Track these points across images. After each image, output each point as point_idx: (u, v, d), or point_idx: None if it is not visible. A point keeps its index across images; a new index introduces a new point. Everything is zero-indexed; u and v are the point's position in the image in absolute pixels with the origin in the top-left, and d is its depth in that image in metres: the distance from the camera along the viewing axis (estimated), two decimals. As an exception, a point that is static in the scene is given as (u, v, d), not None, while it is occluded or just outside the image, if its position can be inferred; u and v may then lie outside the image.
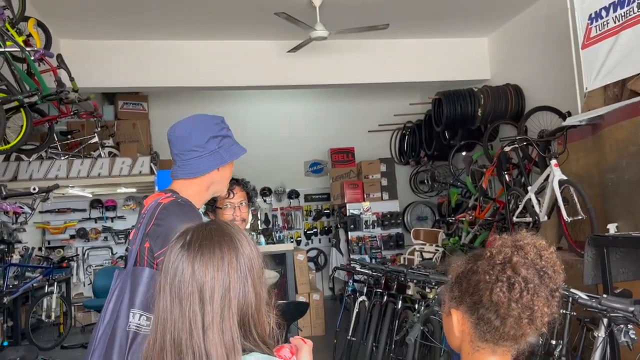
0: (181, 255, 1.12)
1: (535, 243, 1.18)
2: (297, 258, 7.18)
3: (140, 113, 9.45)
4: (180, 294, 1.09)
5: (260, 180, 10.09)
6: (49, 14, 6.16)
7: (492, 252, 1.18)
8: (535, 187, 4.94)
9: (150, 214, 1.72)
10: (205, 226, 1.17)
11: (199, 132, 1.85)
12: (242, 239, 1.17)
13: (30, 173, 7.18)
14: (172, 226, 1.63)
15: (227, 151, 1.89)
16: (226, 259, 1.11)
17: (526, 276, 1.13)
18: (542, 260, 1.15)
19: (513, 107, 7.18)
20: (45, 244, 9.47)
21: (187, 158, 1.84)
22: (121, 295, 1.59)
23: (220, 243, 1.13)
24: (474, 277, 1.18)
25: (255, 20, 6.74)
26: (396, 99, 9.91)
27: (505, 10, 7.10)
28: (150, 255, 1.66)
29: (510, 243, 1.18)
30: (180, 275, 1.10)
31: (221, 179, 1.94)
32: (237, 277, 1.11)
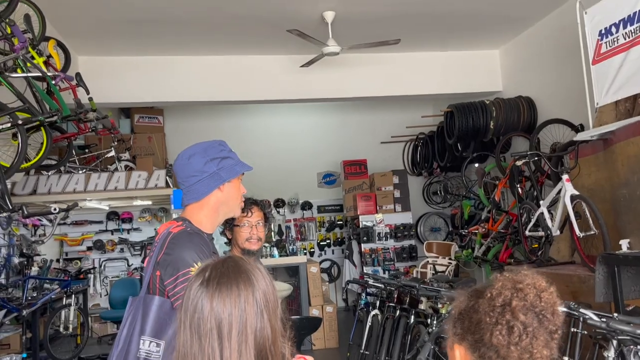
0: (200, 293, 1.18)
1: (535, 284, 1.22)
2: (311, 270, 7.22)
3: (156, 126, 9.61)
4: (199, 330, 1.15)
5: (274, 192, 10.18)
6: (68, 33, 6.33)
7: (493, 294, 1.21)
8: (547, 201, 4.94)
9: (161, 243, 1.80)
10: (223, 263, 1.23)
11: (197, 158, 1.94)
12: (257, 274, 1.22)
13: (49, 187, 7.32)
14: (180, 256, 1.71)
15: (226, 171, 1.96)
16: (242, 295, 1.17)
17: (525, 321, 1.17)
18: (542, 302, 1.19)
19: (525, 120, 7.19)
20: (63, 256, 9.63)
21: (189, 184, 1.93)
22: (133, 322, 1.66)
23: (237, 280, 1.18)
24: (475, 315, 1.22)
25: (268, 36, 6.84)
26: (408, 110, 9.96)
27: (517, 23, 7.13)
28: (161, 283, 1.73)
29: (510, 285, 1.21)
30: (199, 312, 1.16)
31: (227, 199, 1.99)
32: (254, 313, 1.17)
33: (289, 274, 7.78)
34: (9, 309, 5.92)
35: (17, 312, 6.08)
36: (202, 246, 1.79)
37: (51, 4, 5.46)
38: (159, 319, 1.63)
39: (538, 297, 1.19)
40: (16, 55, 3.19)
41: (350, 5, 6.15)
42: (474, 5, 6.39)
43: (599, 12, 4.29)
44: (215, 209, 1.97)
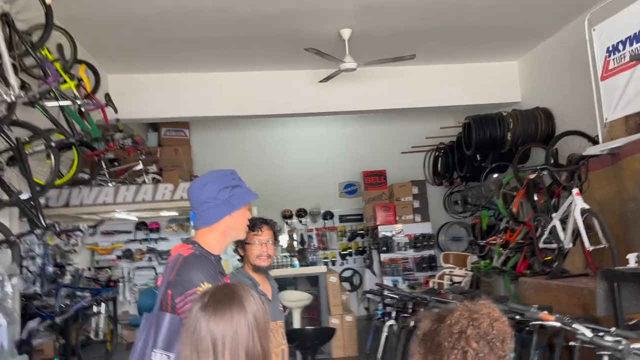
0: (199, 315, 1.39)
1: (489, 314, 1.38)
2: (330, 280, 7.39)
3: (182, 139, 9.93)
4: (198, 347, 1.36)
5: (296, 202, 10.40)
6: (98, 54, 6.67)
7: (452, 321, 1.38)
8: (559, 213, 5.01)
9: (173, 265, 2.01)
10: (220, 290, 1.45)
11: (211, 186, 2.14)
12: (250, 300, 1.43)
13: (80, 199, 7.65)
14: (189, 277, 1.92)
15: (237, 198, 2.16)
16: (235, 318, 1.38)
17: (477, 347, 1.33)
18: (494, 330, 1.35)
19: (543, 131, 7.23)
20: (95, 264, 10.01)
21: (202, 209, 2.12)
22: (148, 337, 1.87)
23: (231, 305, 1.39)
24: (436, 338, 1.39)
25: (288, 53, 7.07)
26: (429, 121, 10.05)
27: (534, 35, 7.20)
28: (172, 301, 1.94)
29: (467, 314, 1.38)
30: (198, 332, 1.37)
31: (235, 224, 2.19)
32: (245, 333, 1.38)
33: (309, 284, 7.96)
34: (43, 317, 6.24)
35: (51, 319, 6.40)
36: (209, 268, 1.99)
37: (82, 27, 5.79)
38: (170, 334, 1.83)
39: (491, 326, 1.35)
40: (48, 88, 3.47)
41: (366, 23, 6.33)
42: (490, 19, 6.50)
43: (607, 30, 4.38)
44: (224, 233, 2.16)
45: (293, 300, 6.96)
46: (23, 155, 3.61)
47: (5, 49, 3.13)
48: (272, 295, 2.93)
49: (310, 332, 4.46)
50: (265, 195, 9.54)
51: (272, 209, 9.99)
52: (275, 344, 2.79)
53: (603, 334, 2.69)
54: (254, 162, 10.29)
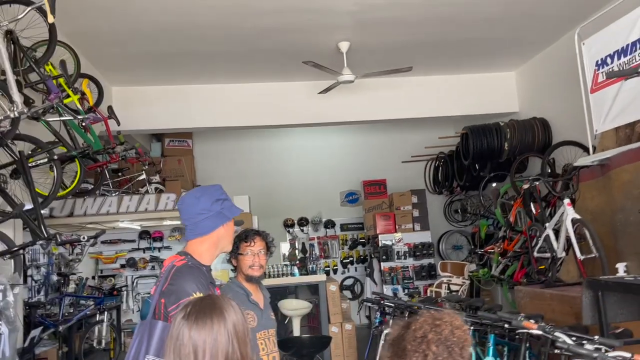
0: (182, 324, 1.51)
1: (451, 322, 1.48)
2: (330, 289, 7.45)
3: (185, 149, 10.07)
4: (180, 353, 1.48)
5: (298, 211, 10.50)
6: (103, 67, 6.83)
7: (416, 326, 1.49)
8: (552, 223, 5.09)
9: (166, 275, 2.11)
10: (202, 301, 1.56)
11: (205, 198, 2.26)
12: (229, 310, 1.54)
13: (84, 209, 7.79)
14: (181, 286, 2.03)
15: (228, 210, 2.29)
16: (215, 327, 1.49)
17: (436, 351, 1.43)
18: (454, 337, 1.45)
19: (540, 140, 7.32)
20: (99, 273, 10.12)
21: (196, 220, 2.24)
22: (141, 343, 1.97)
23: (212, 315, 1.51)
24: (402, 343, 1.49)
25: (288, 65, 7.20)
26: (429, 130, 10.15)
27: (531, 46, 7.30)
28: (165, 309, 2.03)
29: (430, 321, 1.49)
30: (180, 339, 1.49)
31: (226, 235, 2.31)
32: (225, 341, 1.49)
33: (310, 292, 8.02)
34: (46, 325, 6.35)
35: (54, 327, 6.51)
36: (201, 278, 2.10)
37: (87, 41, 5.96)
38: (162, 341, 1.94)
39: (452, 333, 1.46)
40: (50, 104, 3.60)
41: (363, 36, 6.46)
42: (487, 31, 6.61)
43: (596, 44, 4.47)
44: (216, 244, 2.28)
45: (292, 309, 7.03)
46: (26, 168, 3.73)
47: (9, 66, 3.26)
48: (264, 305, 3.02)
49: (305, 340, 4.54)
50: (267, 204, 9.79)
51: (274, 217, 10.11)
52: (267, 351, 2.88)
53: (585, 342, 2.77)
54: (256, 172, 10.42)
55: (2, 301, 3.06)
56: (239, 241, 3.02)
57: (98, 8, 5.25)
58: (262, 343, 2.86)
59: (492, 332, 3.85)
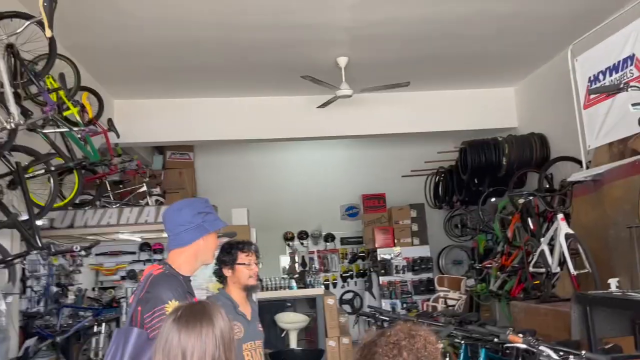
0: (172, 327, 1.56)
1: (426, 337, 1.51)
2: (327, 302, 7.44)
3: (187, 162, 10.14)
4: (169, 356, 1.53)
5: (298, 224, 10.53)
6: (104, 80, 6.93)
7: (391, 333, 1.51)
8: (547, 238, 5.10)
9: (144, 283, 2.15)
10: (192, 306, 1.63)
11: (186, 210, 2.30)
12: (218, 316, 1.60)
13: (85, 220, 7.81)
14: (158, 294, 2.06)
15: (209, 224, 2.31)
16: (204, 332, 1.55)
17: (406, 358, 1.45)
18: (426, 351, 1.47)
19: (538, 156, 7.34)
20: (99, 285, 10.14)
21: (177, 232, 2.27)
22: (117, 350, 2.00)
23: (201, 320, 1.57)
24: (373, 348, 1.51)
25: (287, 79, 7.28)
26: (429, 144, 10.19)
27: (529, 62, 7.36)
28: (142, 317, 2.06)
29: (406, 330, 1.51)
30: (169, 342, 1.54)
31: (206, 248, 2.33)
32: (212, 345, 1.55)
33: (308, 306, 8.01)
34: (43, 336, 6.37)
35: (52, 338, 6.53)
36: (177, 286, 2.13)
37: (89, 54, 6.07)
38: (137, 347, 1.97)
39: (424, 347, 1.48)
40: (45, 116, 3.67)
41: (361, 51, 6.53)
42: (485, 47, 6.68)
43: (588, 60, 4.52)
44: (195, 256, 2.30)
45: (290, 322, 7.04)
46: (22, 178, 3.79)
47: (7, 79, 3.33)
48: (251, 316, 3.04)
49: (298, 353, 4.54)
50: (267, 217, 9.82)
51: (274, 230, 10.13)
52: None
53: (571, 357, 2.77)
54: (256, 185, 10.47)
55: (-6, 310, 3.09)
56: (236, 252, 3.05)
57: (99, 22, 5.36)
58: (248, 354, 2.88)
59: (483, 347, 3.84)
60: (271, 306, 7.36)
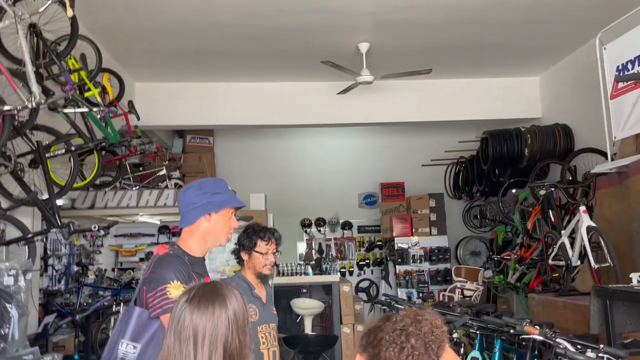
0: (184, 307, 1.54)
1: (432, 321, 1.46)
2: (343, 289, 7.44)
3: (206, 146, 10.19)
4: (180, 336, 1.51)
5: (315, 211, 10.51)
6: (126, 63, 6.96)
7: (397, 319, 1.47)
8: (568, 231, 5.00)
9: (150, 263, 2.16)
10: (205, 286, 1.60)
11: (191, 191, 2.29)
12: (232, 298, 1.57)
13: (105, 202, 7.93)
14: (160, 274, 2.05)
15: (213, 204, 2.27)
16: (217, 313, 1.52)
17: (414, 345, 1.41)
18: (433, 335, 1.43)
19: (562, 147, 7.19)
20: (118, 266, 10.30)
21: (184, 212, 2.27)
22: (120, 328, 2.01)
23: (214, 301, 1.54)
24: (379, 333, 1.48)
25: (308, 65, 7.23)
26: (450, 134, 10.07)
27: (555, 51, 7.19)
28: (145, 297, 2.06)
29: (412, 315, 1.47)
30: (181, 322, 1.52)
31: (214, 229, 2.29)
32: (225, 327, 1.51)
33: (324, 292, 8.03)
34: (63, 314, 6.50)
35: (71, 316, 6.65)
36: (181, 267, 2.11)
37: (112, 37, 6.09)
38: (137, 326, 1.98)
39: (431, 331, 1.44)
40: (65, 95, 3.70)
41: (384, 37, 6.45)
42: (511, 36, 6.53)
43: (616, 49, 4.38)
44: (203, 236, 2.28)
45: (304, 308, 7.05)
46: (43, 157, 3.83)
47: (29, 58, 3.36)
48: (266, 300, 3.04)
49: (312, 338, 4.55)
50: (285, 203, 9.84)
51: (291, 217, 10.15)
52: (267, 345, 2.90)
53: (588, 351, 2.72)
54: (274, 171, 10.48)
55: (14, 285, 3.14)
56: (257, 238, 3.04)
57: (122, 4, 5.37)
58: (262, 337, 2.88)
59: (498, 338, 3.80)
60: (287, 291, 7.39)
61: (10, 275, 3.15)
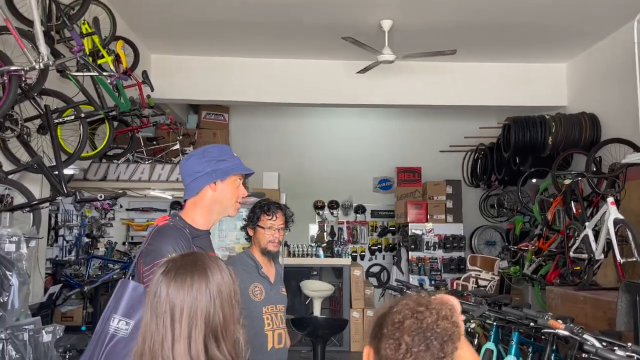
0: (160, 280, 1.38)
1: (439, 310, 1.26)
2: (354, 273, 7.33)
3: (221, 123, 10.06)
4: (156, 311, 1.35)
5: (328, 193, 10.36)
6: (142, 33, 6.80)
7: (397, 309, 1.28)
8: (592, 223, 4.80)
9: (148, 235, 2.00)
10: (184, 257, 1.43)
11: (194, 159, 2.13)
12: (213, 269, 1.40)
13: (117, 174, 7.86)
14: (157, 247, 1.89)
15: (218, 172, 2.10)
16: (195, 285, 1.36)
17: (410, 342, 1.22)
18: (437, 328, 1.23)
19: (587, 137, 6.93)
20: (129, 239, 10.28)
21: (187, 182, 2.11)
22: (113, 302, 1.86)
23: (192, 272, 1.37)
24: (382, 329, 1.29)
25: (328, 42, 7.01)
26: (469, 120, 9.82)
27: (586, 36, 6.89)
28: (142, 270, 1.92)
29: (412, 305, 1.26)
30: (158, 297, 1.37)
31: (221, 199, 2.12)
32: (205, 301, 1.35)
33: (335, 275, 7.93)
34: (71, 284, 6.45)
35: (79, 287, 6.61)
36: (180, 239, 1.95)
37: (127, 5, 5.93)
38: (131, 301, 1.82)
39: (435, 323, 1.24)
40: (74, 57, 3.55)
41: (408, 15, 6.21)
42: (541, 18, 6.26)
43: (657, 32, 4.12)
44: (209, 207, 2.12)
45: (314, 290, 6.95)
46: (51, 122, 3.71)
47: (37, 17, 3.21)
48: (274, 279, 2.90)
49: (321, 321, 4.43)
50: (298, 184, 9.70)
51: (304, 198, 10.01)
52: (272, 327, 2.76)
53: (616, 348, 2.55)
54: (289, 151, 10.33)
55: (15, 253, 3.04)
56: (260, 212, 2.91)
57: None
58: (267, 317, 2.74)
59: (516, 330, 3.63)
60: (297, 272, 7.29)
61: (12, 242, 3.05)
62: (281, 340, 2.78)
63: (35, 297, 4.38)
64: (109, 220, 9.69)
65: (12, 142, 3.88)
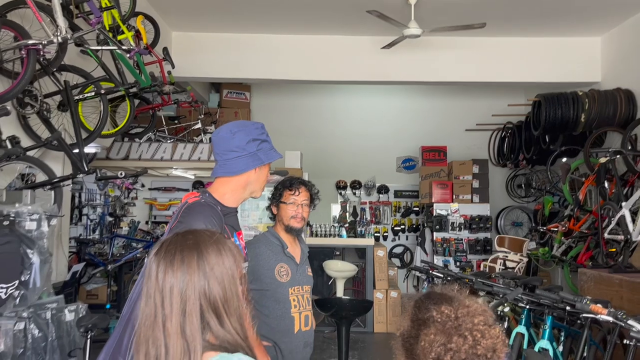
0: (152, 260, 1.31)
1: (472, 330, 1.17)
2: (377, 254, 7.22)
3: (243, 102, 9.96)
4: (148, 292, 1.28)
5: (351, 173, 10.23)
6: (163, 10, 6.70)
7: (426, 343, 1.20)
8: (630, 202, 4.59)
9: (178, 212, 1.91)
10: (176, 236, 1.34)
11: (241, 135, 2.00)
12: (208, 246, 1.31)
13: (139, 153, 7.84)
14: (189, 224, 1.79)
15: (264, 154, 2.02)
16: (186, 262, 1.27)
17: None
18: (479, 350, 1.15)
19: (623, 114, 6.65)
20: (152, 219, 10.32)
21: (227, 158, 1.99)
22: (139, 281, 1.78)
23: (182, 250, 1.29)
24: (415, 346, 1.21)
25: (352, 16, 6.82)
26: (497, 97, 9.55)
27: (623, 8, 6.57)
28: None
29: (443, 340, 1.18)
30: (148, 276, 1.30)
31: (257, 180, 2.05)
32: (197, 278, 1.26)
33: (358, 256, 7.83)
34: (95, 263, 6.48)
35: (103, 266, 6.64)
36: (212, 217, 1.86)
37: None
38: None
39: (474, 347, 1.16)
40: (92, 29, 3.46)
41: (435, -13, 5.98)
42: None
43: None
44: (243, 186, 2.04)
45: (337, 270, 6.87)
46: (70, 98, 3.64)
47: (55, -10, 3.12)
48: (300, 259, 2.80)
49: (345, 302, 4.34)
50: (320, 163, 9.58)
51: (326, 177, 9.90)
52: (300, 309, 2.67)
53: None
54: (311, 130, 10.21)
55: (36, 231, 2.99)
56: (282, 188, 2.81)
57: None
58: (294, 299, 2.65)
59: (550, 314, 3.49)
60: (319, 253, 7.21)
61: (32, 220, 3.00)
62: (308, 322, 2.69)
63: (60, 275, 4.38)
64: (132, 199, 9.72)
65: (32, 119, 3.83)
